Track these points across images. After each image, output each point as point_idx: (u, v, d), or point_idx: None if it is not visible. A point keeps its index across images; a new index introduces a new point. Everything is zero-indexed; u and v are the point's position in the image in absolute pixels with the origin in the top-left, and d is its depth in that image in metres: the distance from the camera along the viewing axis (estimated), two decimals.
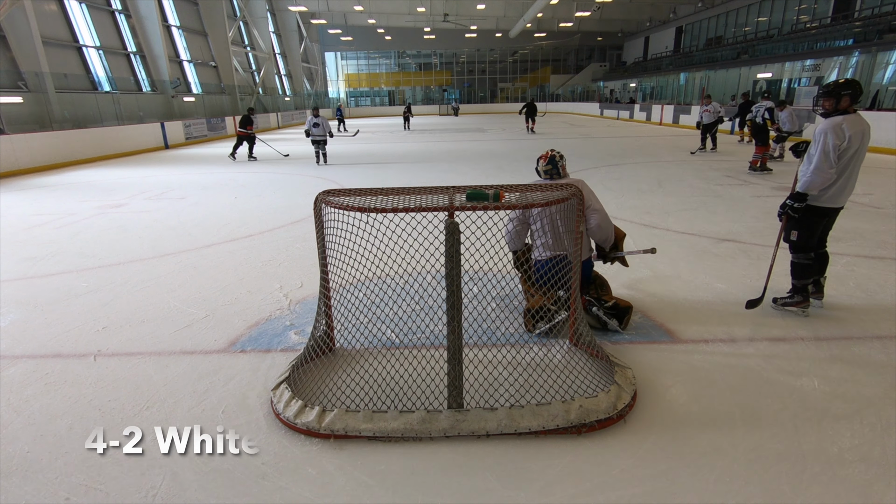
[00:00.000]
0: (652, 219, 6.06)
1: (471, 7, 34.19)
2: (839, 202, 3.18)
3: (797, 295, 3.38)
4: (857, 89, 3.06)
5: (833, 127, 3.01)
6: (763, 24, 26.42)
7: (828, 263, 3.46)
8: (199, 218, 6.71)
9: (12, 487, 2.02)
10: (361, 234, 2.58)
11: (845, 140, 3.00)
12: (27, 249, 5.34)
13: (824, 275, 3.46)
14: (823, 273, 3.45)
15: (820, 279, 3.45)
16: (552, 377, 2.59)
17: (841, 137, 3.00)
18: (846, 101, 3.05)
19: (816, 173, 3.03)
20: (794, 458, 2.09)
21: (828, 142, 3.00)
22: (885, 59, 15.72)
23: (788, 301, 3.41)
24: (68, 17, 16.16)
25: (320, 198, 2.58)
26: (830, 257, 3.54)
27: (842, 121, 3.02)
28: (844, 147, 3.01)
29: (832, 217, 3.28)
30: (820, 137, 3.04)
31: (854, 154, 3.06)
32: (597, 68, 44.08)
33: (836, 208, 3.21)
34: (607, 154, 12.82)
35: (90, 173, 11.38)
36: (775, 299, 3.47)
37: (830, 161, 3.00)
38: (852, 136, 3.00)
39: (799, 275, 3.33)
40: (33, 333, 3.37)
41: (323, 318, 2.86)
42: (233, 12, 27.29)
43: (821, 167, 3.02)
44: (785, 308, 3.41)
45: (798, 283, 3.35)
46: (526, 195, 2.51)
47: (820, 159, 3.02)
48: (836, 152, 3.01)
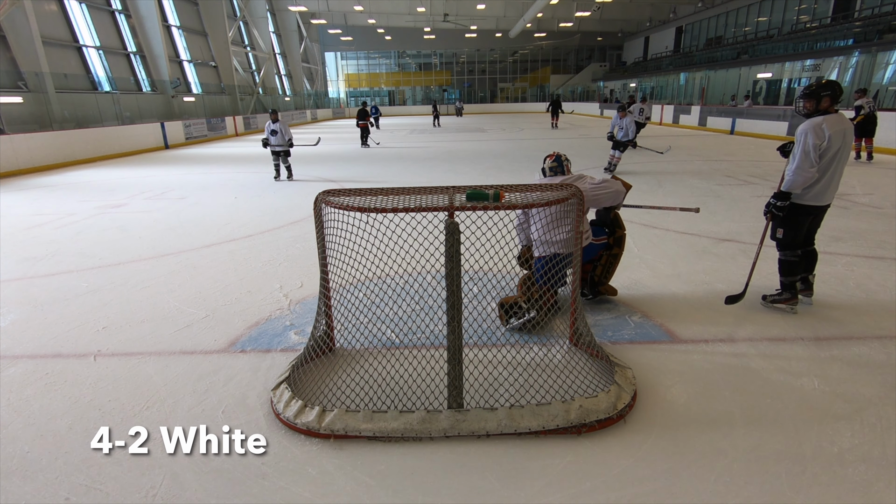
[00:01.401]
0: (652, 219, 6.06)
1: (471, 7, 34.17)
2: (823, 200, 3.25)
3: (786, 292, 3.43)
4: (836, 90, 3.14)
5: (813, 127, 3.09)
6: (763, 24, 26.42)
7: (816, 261, 3.50)
8: (199, 218, 6.71)
9: (12, 487, 2.02)
10: (361, 234, 2.58)
11: (825, 140, 3.07)
12: (27, 249, 5.34)
13: (813, 272, 3.51)
14: (812, 270, 3.49)
15: (808, 276, 3.50)
16: (552, 377, 2.60)
17: (821, 137, 3.07)
18: (826, 102, 3.14)
19: (798, 172, 3.12)
20: (794, 458, 2.09)
21: (808, 142, 3.09)
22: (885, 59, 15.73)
23: (777, 298, 3.46)
24: (68, 17, 16.16)
25: (320, 198, 2.58)
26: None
27: (822, 121, 3.10)
28: (825, 147, 3.09)
29: (818, 215, 3.34)
30: (801, 138, 3.12)
31: (836, 153, 3.14)
32: (597, 68, 44.07)
33: (820, 206, 3.28)
34: (607, 154, 12.80)
35: (90, 173, 11.38)
36: (764, 297, 3.52)
37: (811, 160, 3.08)
38: (832, 135, 3.07)
39: (786, 272, 3.40)
40: (33, 333, 3.37)
41: (323, 318, 2.86)
42: (233, 12, 27.28)
43: (802, 166, 3.10)
44: (774, 305, 3.46)
45: (786, 281, 3.41)
46: (526, 195, 2.51)
47: (801, 159, 3.10)
48: (816, 152, 3.08)
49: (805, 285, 3.50)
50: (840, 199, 6.82)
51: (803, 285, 3.49)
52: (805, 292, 3.50)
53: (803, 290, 3.49)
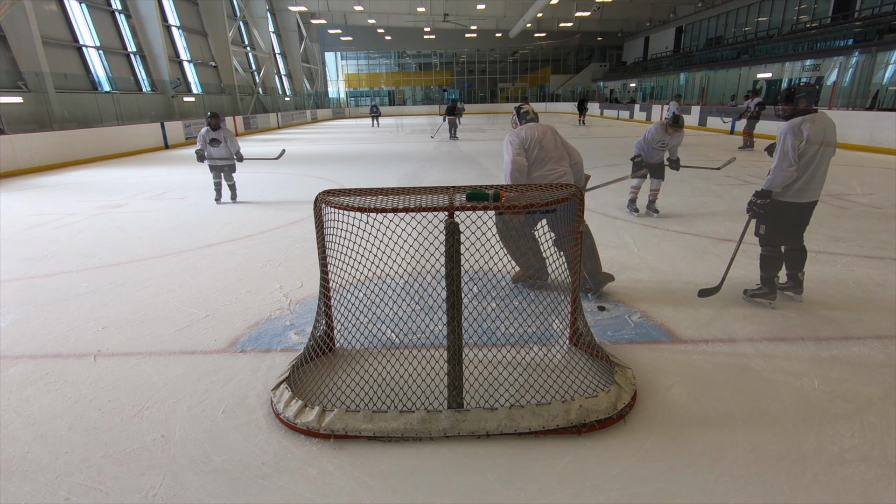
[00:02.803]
0: (652, 219, 6.06)
1: (471, 7, 34.17)
2: (805, 197, 3.34)
3: (764, 287, 3.54)
4: (810, 91, 3.30)
5: (792, 128, 3.23)
6: (763, 24, 26.42)
7: (805, 259, 3.56)
8: (199, 218, 6.71)
9: (12, 487, 2.02)
10: (361, 234, 2.58)
11: (804, 140, 3.20)
12: (27, 249, 5.34)
13: (802, 270, 3.56)
14: (801, 268, 3.55)
15: (798, 274, 3.56)
16: (552, 377, 2.60)
17: (799, 137, 3.20)
18: (803, 103, 3.28)
19: (777, 172, 3.26)
20: (794, 458, 2.09)
21: (786, 142, 3.21)
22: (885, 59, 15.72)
23: (756, 292, 3.57)
24: (68, 17, 16.16)
25: (320, 198, 2.58)
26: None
27: (801, 121, 3.22)
28: (803, 146, 3.21)
29: (803, 213, 3.42)
30: (781, 138, 3.27)
31: (816, 151, 3.23)
32: (597, 68, 44.09)
33: (802, 203, 3.36)
34: (607, 154, 12.82)
35: (90, 173, 11.38)
36: (745, 291, 3.64)
37: (790, 160, 3.21)
38: (811, 135, 3.18)
39: (766, 267, 3.51)
40: (33, 333, 3.37)
41: (323, 318, 2.86)
42: (233, 12, 27.28)
43: (780, 166, 3.24)
44: (753, 300, 3.57)
45: (765, 275, 3.52)
46: (526, 195, 2.52)
47: (780, 159, 3.25)
48: (795, 151, 3.20)
49: (794, 283, 3.57)
50: (840, 199, 6.83)
51: (792, 283, 3.58)
52: (794, 290, 3.58)
53: (792, 287, 3.58)
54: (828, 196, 6.84)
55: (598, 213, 6.34)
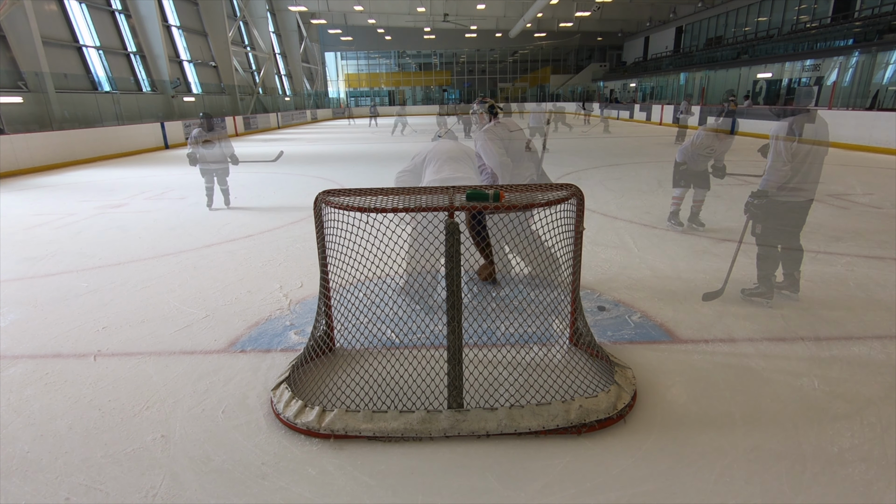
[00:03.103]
0: (652, 219, 6.06)
1: (471, 7, 34.16)
2: (799, 196, 3.40)
3: (762, 286, 3.57)
4: (797, 93, 3.43)
5: (783, 127, 3.31)
6: (763, 24, 26.41)
7: (801, 259, 3.58)
8: (199, 218, 6.71)
9: (12, 487, 2.02)
10: (361, 234, 2.58)
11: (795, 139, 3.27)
12: (27, 249, 5.34)
13: (799, 269, 3.58)
14: (798, 267, 3.58)
15: (794, 273, 3.58)
16: (552, 377, 2.60)
17: (791, 136, 3.28)
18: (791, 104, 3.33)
19: (771, 172, 3.33)
20: (794, 458, 2.09)
21: (779, 142, 3.30)
22: (885, 59, 15.72)
23: (754, 291, 3.60)
24: (68, 17, 16.16)
25: (320, 198, 2.58)
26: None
27: (792, 121, 3.30)
28: (796, 145, 3.27)
29: (799, 212, 3.46)
30: (773, 139, 3.34)
31: (808, 150, 3.29)
32: (597, 68, 44.08)
33: (797, 202, 3.41)
34: (607, 154, 12.82)
35: (90, 173, 11.38)
36: (743, 290, 3.66)
37: (783, 159, 3.28)
38: (802, 133, 3.26)
39: (763, 266, 3.56)
40: (33, 333, 3.37)
41: (323, 318, 2.86)
42: (233, 12, 27.28)
43: (774, 166, 3.32)
44: (751, 298, 3.59)
45: (762, 274, 3.56)
46: (526, 195, 2.52)
47: (773, 158, 3.33)
48: (788, 151, 3.28)
49: (791, 282, 3.59)
50: (840, 199, 6.83)
51: (789, 282, 3.60)
52: (790, 288, 3.60)
53: (788, 286, 3.60)
54: (828, 196, 6.84)
55: (597, 214, 6.34)
